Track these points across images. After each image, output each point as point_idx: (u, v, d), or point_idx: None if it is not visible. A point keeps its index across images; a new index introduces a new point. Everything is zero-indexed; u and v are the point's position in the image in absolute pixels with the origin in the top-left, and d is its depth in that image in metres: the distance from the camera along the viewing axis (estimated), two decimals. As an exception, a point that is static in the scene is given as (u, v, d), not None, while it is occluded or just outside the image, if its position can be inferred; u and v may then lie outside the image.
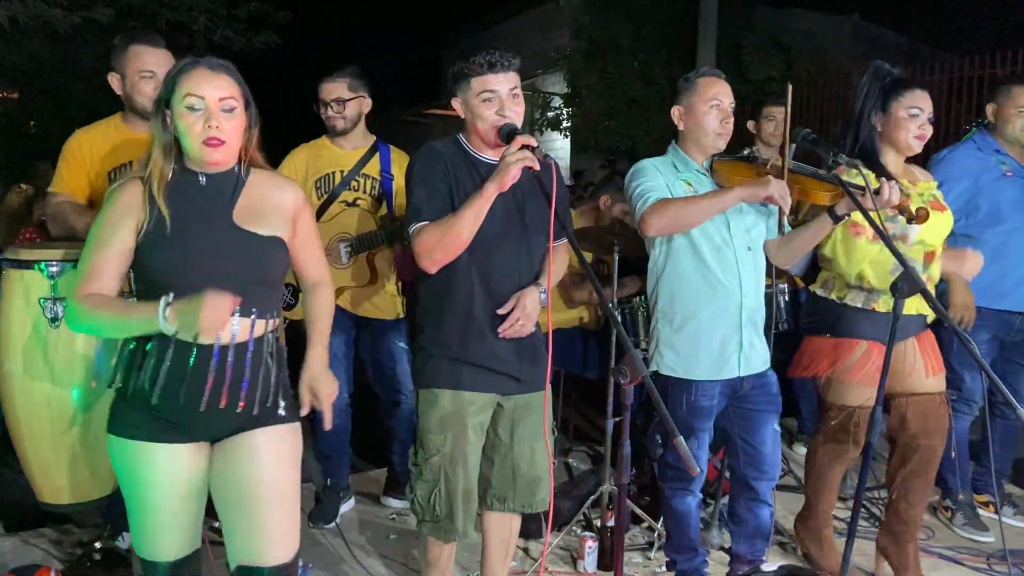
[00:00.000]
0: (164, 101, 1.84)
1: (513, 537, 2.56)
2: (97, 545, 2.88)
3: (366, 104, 3.33)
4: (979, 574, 3.13)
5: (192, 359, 1.80)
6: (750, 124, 3.93)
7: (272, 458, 1.90)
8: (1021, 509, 3.60)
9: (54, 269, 2.28)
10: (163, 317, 1.71)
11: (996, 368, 3.38)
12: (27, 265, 2.29)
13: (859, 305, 2.77)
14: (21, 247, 2.45)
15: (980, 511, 3.56)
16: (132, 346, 1.85)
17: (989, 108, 3.39)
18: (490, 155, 2.29)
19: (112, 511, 2.70)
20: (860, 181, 2.46)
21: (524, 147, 2.07)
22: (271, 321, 1.92)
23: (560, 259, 2.47)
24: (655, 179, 2.58)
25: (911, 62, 9.22)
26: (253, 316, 1.86)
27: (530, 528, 3.19)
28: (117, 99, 2.81)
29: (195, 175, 1.88)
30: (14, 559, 2.93)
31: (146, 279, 1.85)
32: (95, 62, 9.88)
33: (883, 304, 2.70)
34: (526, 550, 3.18)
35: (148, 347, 1.81)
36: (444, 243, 2.17)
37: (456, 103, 2.30)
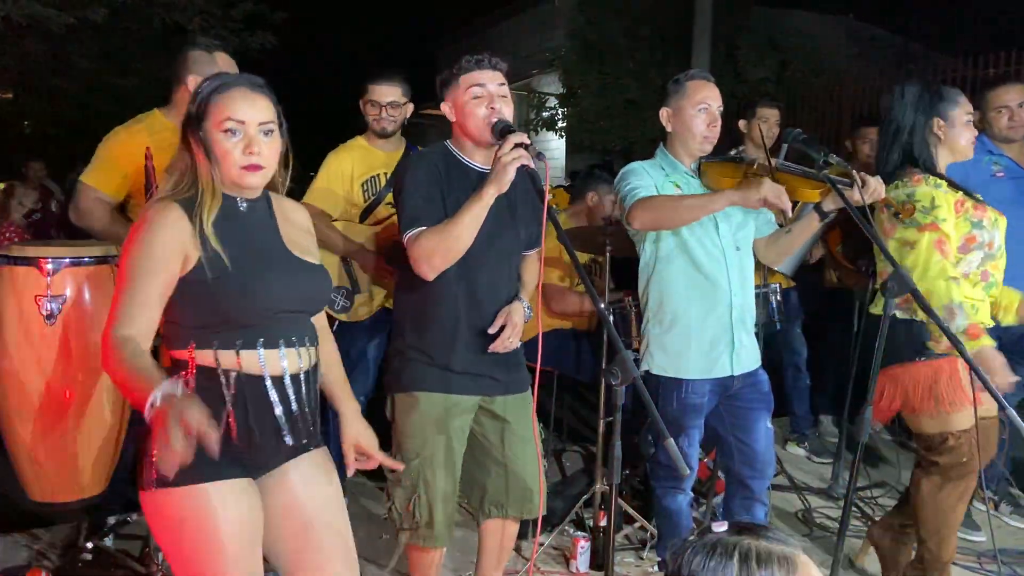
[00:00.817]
0: (196, 121, 1.72)
1: (509, 542, 2.56)
2: (88, 545, 2.87)
3: (409, 109, 3.36)
4: (970, 572, 3.14)
5: (266, 391, 1.73)
6: (741, 123, 3.95)
7: (323, 481, 1.87)
8: (1019, 509, 3.61)
9: (50, 267, 2.28)
10: (149, 409, 1.49)
11: None
12: (24, 262, 2.29)
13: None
14: (14, 244, 2.46)
15: (976, 505, 3.58)
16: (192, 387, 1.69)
17: (976, 115, 3.43)
18: (480, 162, 2.28)
19: (104, 509, 2.70)
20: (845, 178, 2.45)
21: (517, 145, 2.05)
22: (316, 349, 1.87)
23: (531, 268, 2.48)
24: (645, 179, 2.59)
25: (905, 63, 9.26)
26: (308, 344, 1.82)
27: (523, 528, 3.19)
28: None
29: (234, 200, 1.77)
30: (4, 560, 2.92)
31: (209, 317, 1.69)
32: (89, 62, 9.87)
33: (976, 319, 2.53)
34: (518, 550, 3.17)
35: (226, 387, 1.69)
36: (443, 248, 2.15)
37: (446, 107, 2.30)
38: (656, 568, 3.00)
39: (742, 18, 10.90)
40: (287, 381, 1.75)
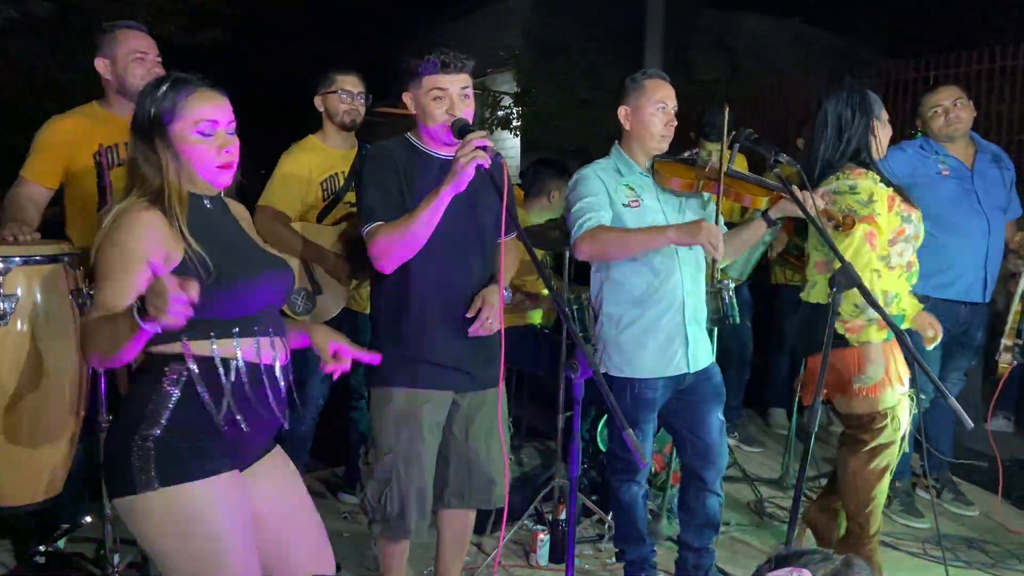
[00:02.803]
0: (161, 123, 1.72)
1: (467, 533, 2.58)
2: (41, 548, 2.82)
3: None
4: (914, 558, 3.25)
5: (258, 381, 1.76)
6: (693, 134, 4.08)
7: (292, 477, 1.93)
8: (960, 496, 3.75)
9: (0, 266, 2.24)
10: (136, 311, 1.48)
11: (942, 358, 3.53)
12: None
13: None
14: None
15: (920, 493, 3.72)
16: (183, 383, 1.70)
17: (918, 121, 3.58)
18: (442, 151, 2.30)
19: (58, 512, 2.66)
20: (794, 180, 2.54)
21: (477, 147, 2.08)
22: (287, 340, 1.91)
23: (511, 253, 2.50)
24: (596, 193, 2.61)
25: (850, 65, 9.49)
26: (283, 337, 1.86)
27: (482, 524, 3.22)
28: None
29: (200, 199, 1.80)
30: (-47, 565, 2.86)
31: (201, 312, 1.60)
32: (33, 58, 9.59)
33: (893, 307, 2.72)
34: (479, 545, 3.20)
35: (214, 378, 1.71)
36: (400, 243, 2.18)
37: (407, 98, 2.31)
38: (613, 560, 3.06)
39: (693, 20, 11.07)
40: (278, 371, 1.80)
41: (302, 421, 3.22)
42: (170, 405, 1.69)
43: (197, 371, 1.70)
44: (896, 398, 2.67)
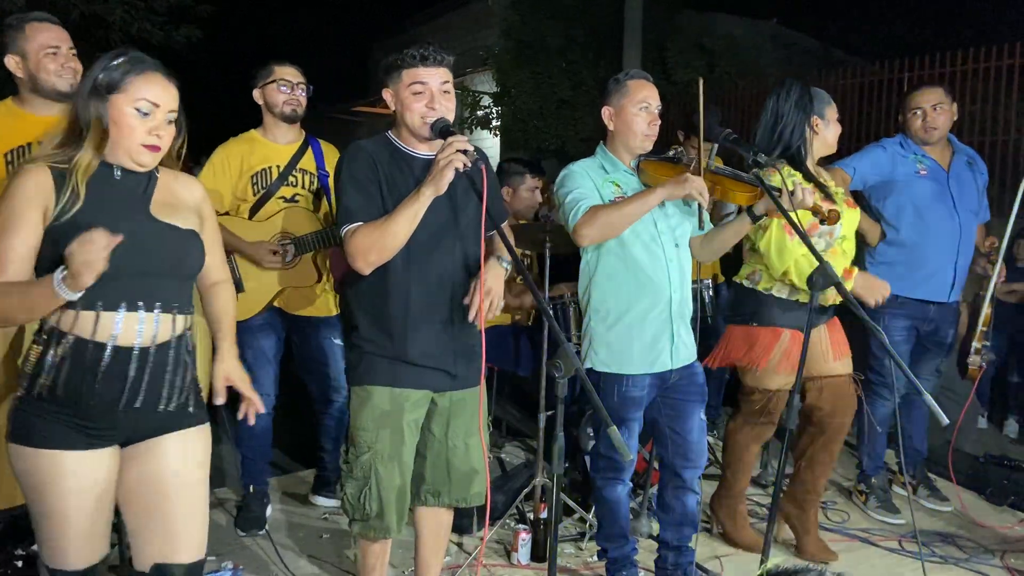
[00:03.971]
0: (105, 91, 1.78)
1: (446, 531, 2.58)
2: (19, 552, 2.78)
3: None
4: (891, 554, 3.29)
5: (107, 358, 1.77)
6: (679, 133, 4.12)
7: (183, 458, 1.91)
8: (936, 492, 3.80)
9: None
10: (58, 283, 1.63)
11: (912, 356, 3.59)
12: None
13: (784, 296, 2.98)
14: None
15: (896, 489, 3.77)
16: (40, 349, 1.78)
17: (900, 117, 3.62)
18: (422, 150, 2.29)
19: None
20: (777, 181, 2.58)
21: (457, 151, 2.08)
22: (189, 317, 1.92)
23: (500, 243, 2.42)
24: (584, 183, 2.64)
25: (826, 66, 9.60)
26: (175, 311, 1.86)
27: (463, 523, 3.22)
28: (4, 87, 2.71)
29: (110, 168, 1.84)
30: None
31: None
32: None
33: (805, 296, 2.86)
34: (460, 545, 3.20)
35: (60, 349, 1.76)
36: (379, 245, 2.17)
37: (387, 95, 2.30)
38: (595, 558, 3.07)
39: (671, 21, 11.13)
40: (140, 349, 1.81)
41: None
42: (31, 371, 1.78)
43: (58, 343, 1.77)
44: (779, 383, 3.00)
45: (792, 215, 2.48)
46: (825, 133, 3.01)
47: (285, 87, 3.20)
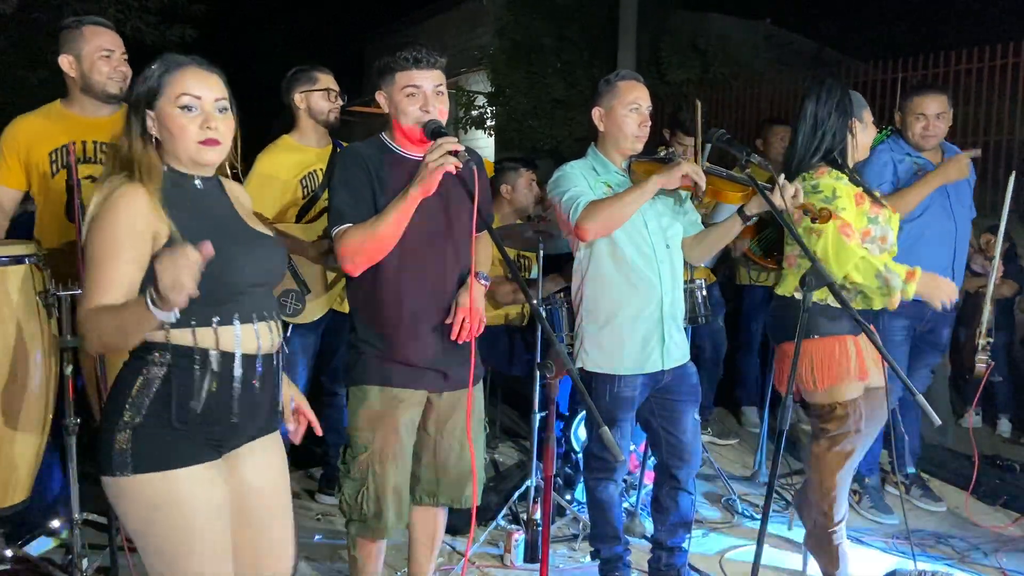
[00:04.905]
0: (146, 103, 1.72)
1: (439, 532, 2.58)
2: (8, 553, 2.77)
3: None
4: (883, 553, 3.30)
5: (240, 371, 1.73)
6: (666, 132, 4.12)
7: (273, 466, 1.88)
8: (928, 492, 3.81)
9: None
10: (151, 302, 1.49)
11: (909, 355, 3.59)
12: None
13: (836, 304, 2.77)
14: None
15: (889, 489, 3.78)
16: (163, 372, 1.68)
17: (897, 115, 3.61)
18: (416, 152, 2.29)
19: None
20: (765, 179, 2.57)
21: (448, 152, 2.07)
22: (280, 324, 1.88)
23: (483, 247, 2.49)
24: (579, 182, 2.65)
25: (819, 67, 9.62)
26: (278, 320, 1.83)
27: (458, 524, 3.21)
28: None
29: (190, 179, 1.78)
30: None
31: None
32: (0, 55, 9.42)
33: (858, 302, 2.78)
34: (454, 546, 3.20)
35: (192, 368, 1.68)
36: (367, 246, 2.17)
37: (380, 97, 2.30)
38: (588, 558, 3.07)
39: (665, 21, 11.14)
40: (260, 358, 1.76)
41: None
42: (151, 393, 1.68)
43: (175, 360, 1.68)
44: (857, 391, 2.73)
45: (786, 215, 2.48)
46: (862, 136, 2.89)
47: (328, 97, 3.23)
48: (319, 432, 2.04)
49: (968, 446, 4.36)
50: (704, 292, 3.40)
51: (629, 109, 2.65)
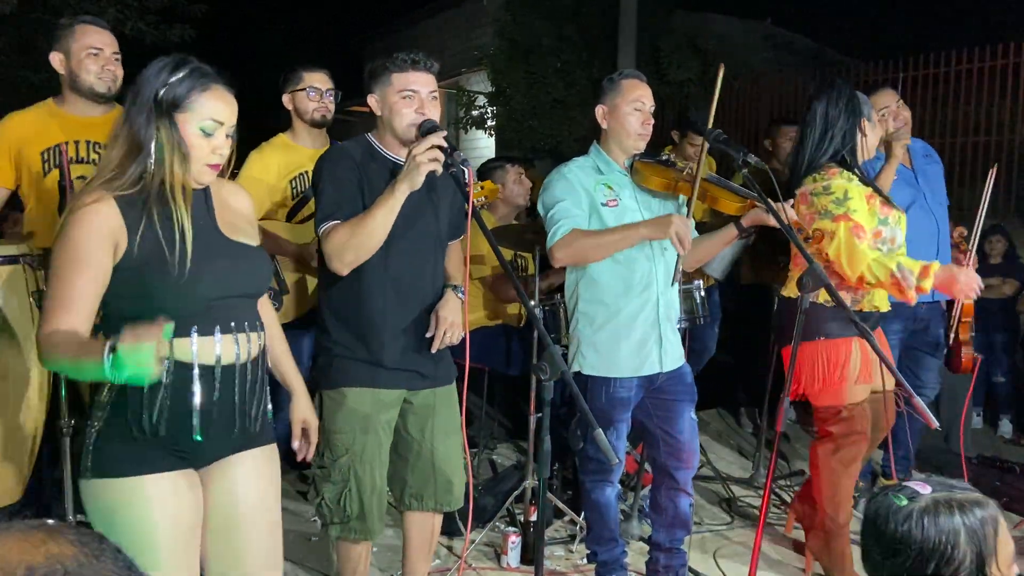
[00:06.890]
0: (167, 110, 1.67)
1: (434, 536, 2.56)
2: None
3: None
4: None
5: (199, 384, 1.69)
6: (674, 134, 4.12)
7: (262, 480, 1.85)
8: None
9: None
10: (108, 364, 1.43)
11: (912, 364, 3.59)
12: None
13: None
14: None
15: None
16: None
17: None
18: (402, 155, 2.27)
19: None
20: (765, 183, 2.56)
21: (435, 147, 2.06)
22: (263, 334, 1.85)
23: (455, 258, 2.48)
24: (570, 195, 2.62)
25: (820, 67, 9.61)
26: (260, 330, 1.81)
27: (454, 526, 3.20)
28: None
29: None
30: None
31: (142, 304, 1.63)
32: (1, 56, 9.42)
33: (865, 303, 2.78)
34: (450, 548, 3.19)
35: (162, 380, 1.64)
36: (355, 244, 2.15)
37: (372, 100, 2.29)
38: (584, 560, 3.05)
39: (665, 21, 11.13)
40: (238, 369, 1.74)
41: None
42: (112, 400, 1.67)
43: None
44: (863, 394, 2.72)
45: (787, 226, 2.47)
46: (871, 136, 2.89)
47: (314, 94, 3.20)
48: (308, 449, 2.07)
49: (969, 448, 4.35)
50: (702, 293, 3.39)
51: (632, 107, 2.65)
